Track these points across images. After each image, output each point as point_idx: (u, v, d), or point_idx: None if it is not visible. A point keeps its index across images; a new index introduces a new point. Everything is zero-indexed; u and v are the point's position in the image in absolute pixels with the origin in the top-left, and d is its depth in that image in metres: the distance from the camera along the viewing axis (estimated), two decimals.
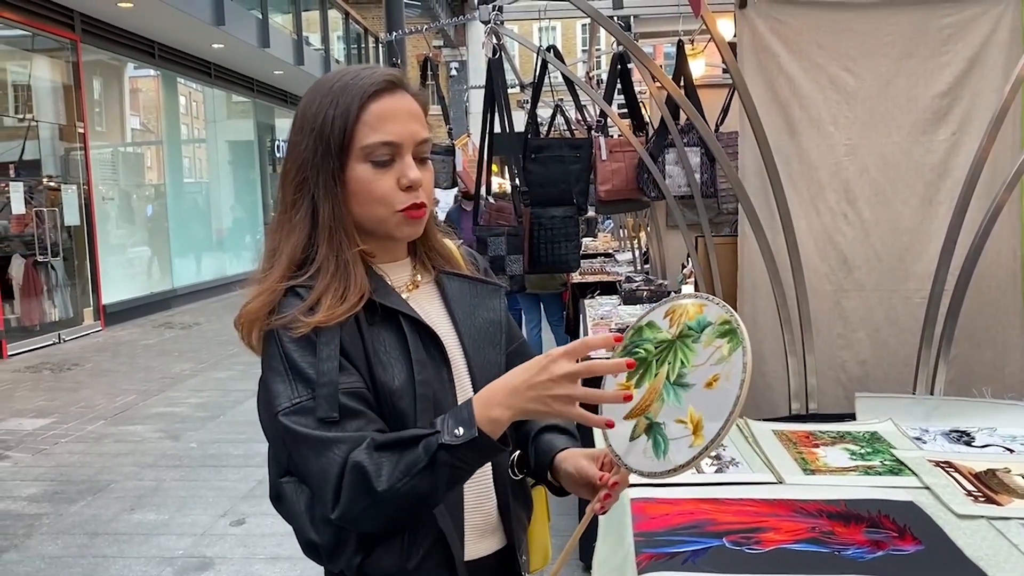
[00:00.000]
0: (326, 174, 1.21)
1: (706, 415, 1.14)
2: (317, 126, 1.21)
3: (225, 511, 4.43)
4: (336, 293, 1.18)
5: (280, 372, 1.18)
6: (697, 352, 1.17)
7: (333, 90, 1.23)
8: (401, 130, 1.22)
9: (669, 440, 1.16)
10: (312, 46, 16.71)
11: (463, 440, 1.10)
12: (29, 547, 4.03)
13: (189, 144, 15.31)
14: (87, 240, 10.65)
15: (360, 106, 1.20)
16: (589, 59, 8.88)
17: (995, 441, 2.09)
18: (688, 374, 1.17)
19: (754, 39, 2.72)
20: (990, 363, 2.69)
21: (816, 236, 2.77)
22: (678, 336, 1.20)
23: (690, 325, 1.19)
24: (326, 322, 1.16)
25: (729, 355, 1.15)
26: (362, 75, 1.23)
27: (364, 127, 1.21)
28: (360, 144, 1.21)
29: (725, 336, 1.17)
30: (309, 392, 1.15)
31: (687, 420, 1.16)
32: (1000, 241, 2.57)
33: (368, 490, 1.10)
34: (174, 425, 6.16)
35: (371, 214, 1.24)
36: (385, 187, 1.22)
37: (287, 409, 1.16)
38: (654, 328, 1.22)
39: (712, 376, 1.15)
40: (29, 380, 7.85)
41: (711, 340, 1.17)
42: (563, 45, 22.55)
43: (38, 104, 10.33)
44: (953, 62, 2.65)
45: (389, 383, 1.20)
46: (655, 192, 3.70)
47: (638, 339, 1.22)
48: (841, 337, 2.81)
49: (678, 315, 1.21)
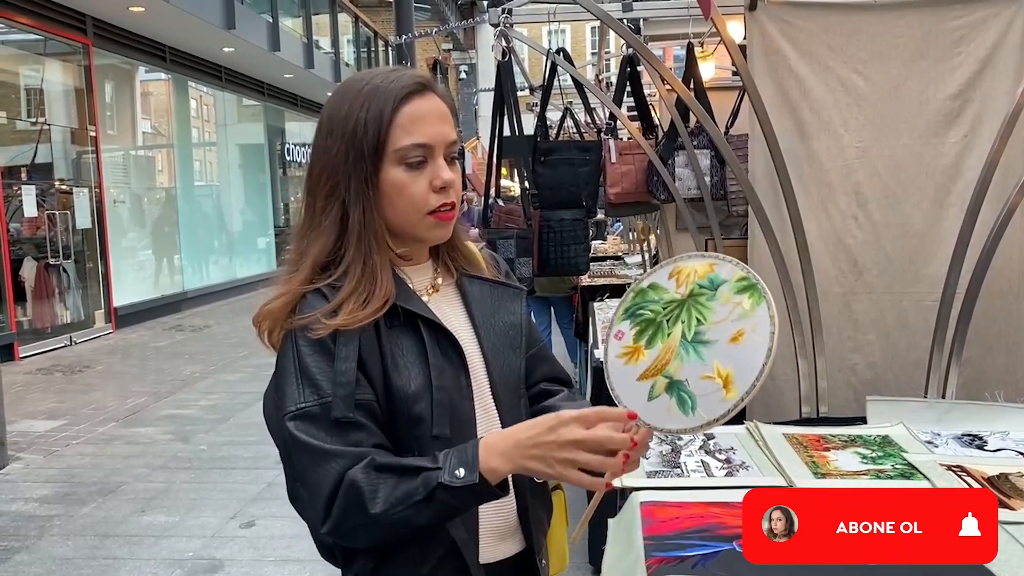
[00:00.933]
0: (358, 178, 1.21)
1: (736, 369, 1.16)
2: (348, 130, 1.21)
3: (235, 513, 4.44)
4: (359, 298, 1.18)
5: (291, 374, 1.17)
6: (714, 309, 1.18)
7: (363, 93, 1.22)
8: (433, 132, 1.22)
9: (696, 396, 1.17)
10: (322, 50, 16.76)
11: (462, 483, 1.10)
12: (40, 548, 4.04)
13: (200, 147, 15.37)
14: (98, 243, 10.70)
15: (393, 109, 1.20)
16: (598, 62, 8.88)
17: (1008, 445, 2.07)
18: (707, 331, 1.18)
19: (764, 41, 2.72)
20: (1002, 366, 2.67)
21: (826, 238, 2.76)
22: (689, 295, 1.20)
23: (701, 284, 1.20)
24: (346, 325, 1.16)
25: (752, 309, 1.16)
26: (392, 77, 1.23)
27: (397, 130, 1.20)
28: (394, 147, 1.20)
29: (744, 292, 1.18)
30: (316, 398, 1.15)
31: (714, 375, 1.17)
32: (1012, 244, 2.55)
33: (362, 510, 1.11)
34: (184, 427, 6.18)
35: (403, 217, 1.24)
36: (419, 189, 1.22)
37: (292, 413, 1.15)
38: (658, 289, 1.22)
39: (736, 331, 1.17)
40: (41, 382, 7.89)
41: (729, 297, 1.18)
42: (572, 48, 22.55)
43: (50, 108, 10.40)
44: (964, 64, 2.63)
45: (405, 388, 1.20)
46: (665, 195, 3.69)
47: (641, 300, 1.23)
48: (851, 340, 2.80)
49: (685, 275, 1.22)
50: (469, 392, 1.26)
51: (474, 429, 1.26)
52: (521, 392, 1.34)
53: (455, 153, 1.27)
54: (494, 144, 4.08)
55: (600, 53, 8.91)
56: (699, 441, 2.10)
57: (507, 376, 1.31)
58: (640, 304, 1.22)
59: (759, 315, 1.15)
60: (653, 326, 1.20)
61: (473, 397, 1.27)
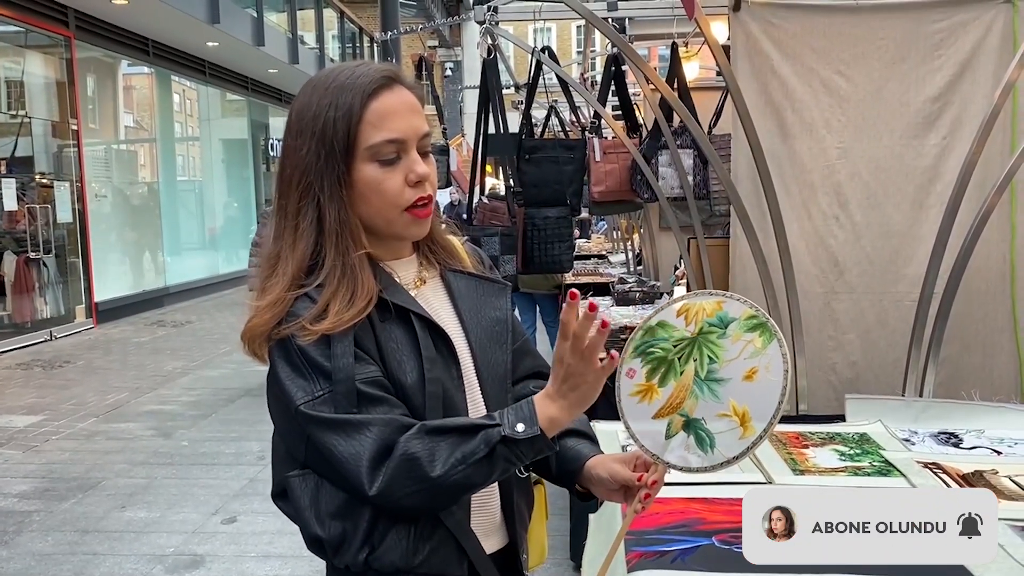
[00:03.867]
0: (331, 178, 1.19)
1: (751, 406, 1.18)
2: (318, 129, 1.19)
3: (216, 509, 4.42)
4: (344, 299, 1.18)
5: (298, 368, 1.17)
6: (725, 347, 1.20)
7: (330, 90, 1.20)
8: (404, 126, 1.21)
9: (714, 434, 1.20)
10: (307, 45, 16.69)
11: (525, 436, 1.13)
12: (19, 544, 4.02)
13: (183, 142, 15.28)
14: (80, 237, 10.61)
15: (362, 105, 1.19)
16: (584, 60, 8.90)
17: (983, 443, 2.10)
18: (720, 369, 1.20)
19: (748, 42, 2.74)
20: (979, 365, 2.71)
21: (808, 238, 2.78)
22: (699, 333, 1.21)
23: (711, 322, 1.21)
24: (333, 329, 1.15)
25: (764, 348, 1.19)
26: (358, 73, 1.22)
27: (367, 127, 1.19)
28: (365, 144, 1.19)
29: (755, 330, 1.20)
30: (330, 385, 1.16)
31: (730, 413, 1.19)
32: (990, 244, 2.59)
33: (420, 476, 1.12)
34: (166, 423, 6.15)
35: (380, 214, 1.23)
36: (394, 185, 1.21)
37: (308, 402, 1.16)
38: (667, 327, 1.22)
39: (750, 369, 1.19)
40: (20, 377, 7.82)
41: (739, 335, 1.20)
42: (558, 46, 22.56)
43: (31, 100, 10.30)
44: (945, 67, 2.67)
45: (402, 380, 1.21)
46: (648, 193, 3.72)
47: (651, 338, 1.22)
48: (832, 339, 2.83)
49: (694, 312, 1.22)
50: (460, 383, 1.27)
51: (465, 413, 1.27)
52: (508, 386, 1.35)
53: (427, 147, 1.25)
54: (479, 141, 4.09)
55: (585, 52, 8.94)
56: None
57: (494, 370, 1.32)
58: (650, 342, 1.23)
59: (771, 353, 1.18)
60: (665, 364, 1.21)
61: (464, 388, 1.28)
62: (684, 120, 2.82)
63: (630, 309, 4.48)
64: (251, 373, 5.40)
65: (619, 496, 1.30)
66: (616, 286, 5.03)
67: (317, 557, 1.31)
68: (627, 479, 1.26)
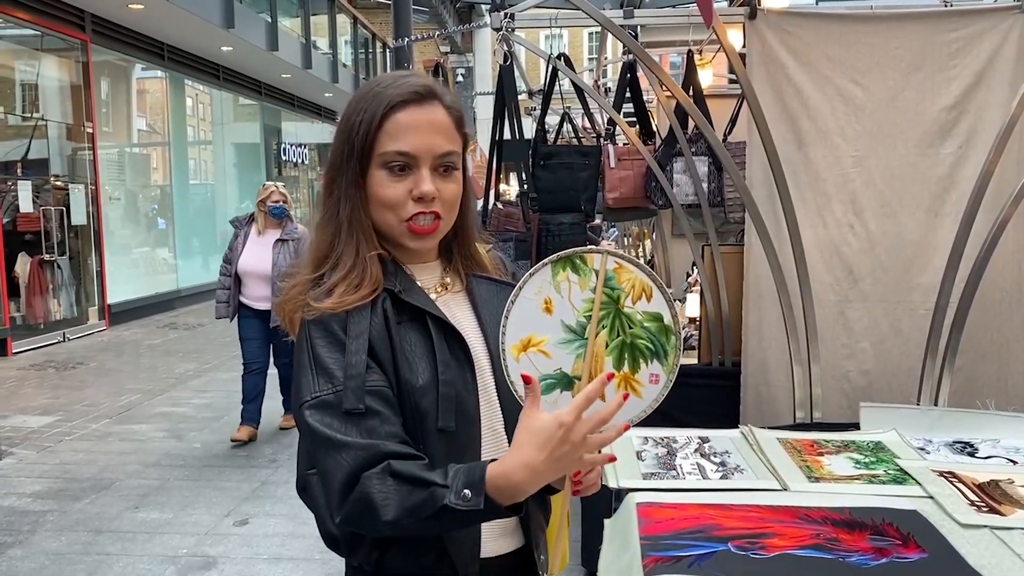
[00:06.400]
0: (348, 177, 1.27)
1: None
2: (347, 130, 1.27)
3: (228, 511, 4.44)
4: (350, 284, 1.23)
5: (305, 366, 1.21)
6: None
7: (366, 97, 1.28)
8: (419, 142, 1.25)
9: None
10: (320, 50, 16.76)
11: (467, 507, 1.10)
12: (33, 543, 4.04)
13: (195, 146, 15.36)
14: (93, 239, 10.68)
15: (383, 115, 1.25)
16: (597, 67, 8.92)
17: (998, 452, 2.10)
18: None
19: (763, 50, 2.75)
20: (994, 375, 2.70)
21: (822, 247, 2.79)
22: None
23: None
24: (335, 308, 1.21)
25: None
26: (396, 84, 1.28)
27: (384, 135, 1.25)
28: (379, 151, 1.25)
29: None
30: (330, 387, 1.18)
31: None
32: (1005, 254, 2.59)
33: (374, 515, 1.13)
34: (178, 425, 6.18)
35: (383, 219, 1.28)
36: (396, 194, 1.26)
37: (308, 402, 1.19)
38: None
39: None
40: (34, 378, 7.87)
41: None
42: (570, 52, 22.57)
43: (46, 103, 10.38)
44: (960, 76, 2.67)
45: (413, 382, 1.23)
46: (662, 200, 3.72)
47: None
48: (845, 347, 2.83)
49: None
50: (474, 388, 1.29)
51: (479, 427, 1.29)
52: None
53: (448, 165, 1.28)
54: (494, 148, 4.10)
55: (599, 59, 8.96)
56: (695, 444, 2.13)
57: None
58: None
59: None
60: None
61: (478, 393, 1.30)
62: (700, 127, 2.83)
63: None
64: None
65: (560, 482, 1.25)
66: None
67: (330, 559, 1.33)
68: None
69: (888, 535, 1.60)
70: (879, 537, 1.59)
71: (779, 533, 1.61)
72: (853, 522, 1.66)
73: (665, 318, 1.21)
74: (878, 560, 1.50)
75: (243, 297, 5.60)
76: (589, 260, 1.21)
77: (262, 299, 5.50)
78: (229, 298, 5.59)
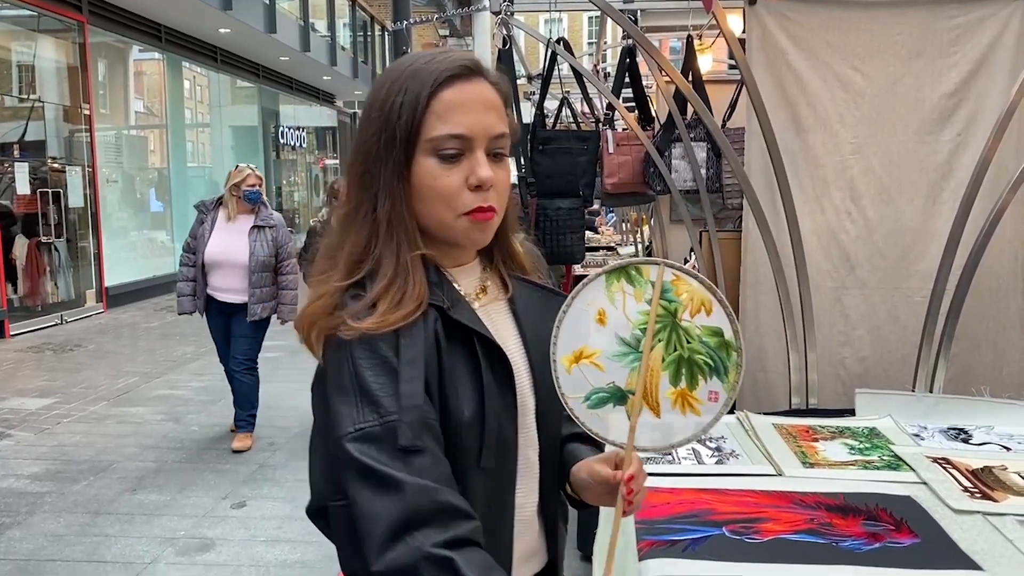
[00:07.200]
0: (389, 167, 1.10)
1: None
2: (384, 115, 1.10)
3: (226, 494, 4.46)
4: (392, 299, 1.07)
5: (347, 391, 1.04)
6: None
7: (403, 76, 1.11)
8: (473, 122, 1.10)
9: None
10: (318, 33, 16.69)
11: None
12: (32, 524, 4.06)
13: (193, 128, 15.31)
14: (91, 222, 10.67)
15: (430, 93, 1.09)
16: (596, 52, 8.89)
17: (992, 439, 2.11)
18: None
19: (763, 35, 2.74)
20: (989, 362, 2.71)
21: (820, 233, 2.79)
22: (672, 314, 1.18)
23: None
24: (376, 329, 1.05)
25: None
26: (436, 59, 1.12)
27: (432, 117, 1.09)
28: (427, 136, 1.09)
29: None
30: (376, 417, 1.02)
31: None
32: (1003, 242, 2.59)
33: None
34: (176, 408, 6.20)
35: (434, 215, 1.12)
36: (451, 185, 1.10)
37: (350, 435, 1.02)
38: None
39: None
40: (32, 360, 7.88)
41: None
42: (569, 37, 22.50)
43: (43, 85, 10.34)
44: (961, 63, 2.66)
45: (459, 414, 1.09)
46: (661, 186, 3.72)
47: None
48: (842, 334, 2.83)
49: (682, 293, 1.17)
50: (514, 414, 1.17)
51: (515, 453, 1.18)
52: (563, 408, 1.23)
53: (501, 149, 1.14)
54: None
55: (598, 44, 8.93)
56: None
57: (553, 392, 1.18)
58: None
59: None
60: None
61: (517, 420, 1.17)
62: (699, 112, 2.82)
63: None
64: (261, 361, 5.42)
65: (605, 499, 1.20)
66: None
67: (327, 542, 1.23)
68: (606, 478, 1.17)
69: (881, 520, 1.61)
70: (872, 522, 1.60)
71: (773, 518, 1.62)
72: (847, 507, 1.67)
73: (726, 333, 1.15)
74: (871, 545, 1.51)
75: (209, 289, 5.14)
76: (645, 271, 1.15)
77: (232, 291, 5.08)
78: (195, 290, 5.13)
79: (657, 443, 1.17)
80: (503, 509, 1.17)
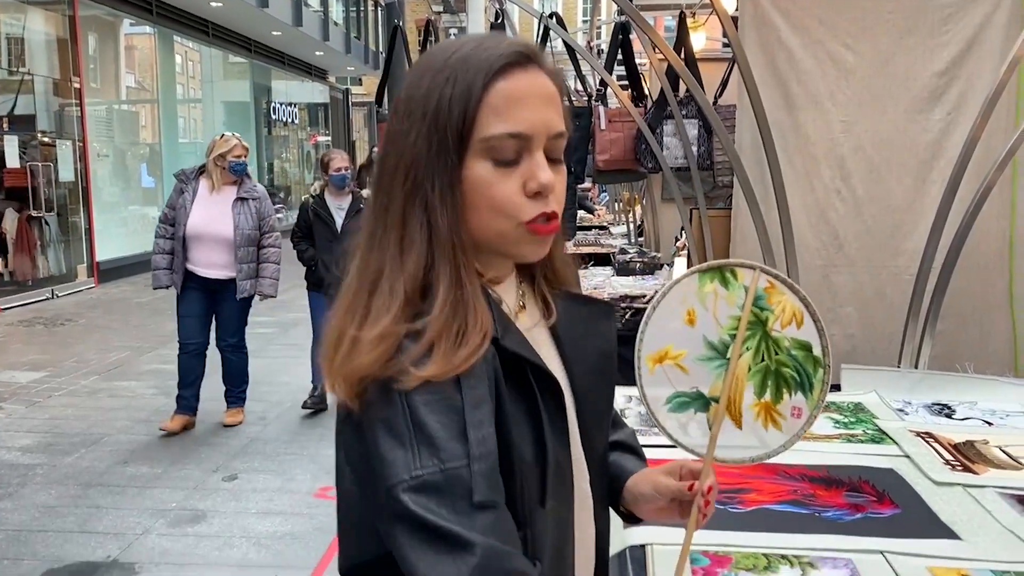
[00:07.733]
0: (443, 175, 0.92)
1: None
2: (431, 110, 0.92)
3: (217, 466, 4.48)
4: (456, 334, 0.89)
5: (400, 434, 0.86)
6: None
7: (450, 63, 0.93)
8: (534, 118, 0.93)
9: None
10: (311, 7, 16.56)
11: None
12: (24, 496, 4.08)
13: (184, 104, 15.22)
14: (82, 196, 10.63)
15: (484, 84, 0.91)
16: (590, 29, 8.85)
17: (975, 414, 2.15)
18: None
19: (756, 13, 2.74)
20: (975, 340, 2.74)
21: (809, 211, 2.80)
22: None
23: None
24: (440, 375, 0.87)
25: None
26: (486, 45, 0.95)
27: (488, 112, 0.91)
28: (481, 135, 0.92)
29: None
30: (436, 463, 0.86)
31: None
32: (989, 221, 2.61)
33: None
34: (167, 382, 6.18)
35: (489, 225, 0.94)
36: (508, 192, 0.93)
37: (405, 484, 0.85)
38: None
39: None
40: (22, 334, 7.87)
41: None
42: (564, 13, 22.33)
43: (32, 58, 10.26)
44: (952, 42, 2.67)
45: (520, 456, 0.93)
46: (652, 163, 3.73)
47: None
48: (830, 312, 2.85)
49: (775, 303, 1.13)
50: (567, 441, 1.01)
51: (571, 484, 1.03)
52: (606, 429, 1.13)
53: (560, 150, 0.97)
54: None
55: (592, 20, 8.89)
56: None
57: (597, 415, 1.08)
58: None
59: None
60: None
61: (570, 449, 1.02)
62: (691, 88, 2.83)
63: (630, 279, 4.52)
64: (252, 336, 5.42)
65: (670, 513, 1.12)
66: (617, 256, 5.05)
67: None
68: (676, 491, 1.09)
69: (864, 492, 1.64)
70: (855, 494, 1.63)
71: (757, 489, 1.65)
72: (830, 479, 1.70)
73: (815, 349, 1.11)
74: (853, 515, 1.54)
75: (189, 264, 4.88)
76: (740, 275, 1.11)
77: (215, 266, 4.87)
78: (172, 264, 4.87)
79: (735, 455, 1.12)
80: (565, 544, 1.05)
